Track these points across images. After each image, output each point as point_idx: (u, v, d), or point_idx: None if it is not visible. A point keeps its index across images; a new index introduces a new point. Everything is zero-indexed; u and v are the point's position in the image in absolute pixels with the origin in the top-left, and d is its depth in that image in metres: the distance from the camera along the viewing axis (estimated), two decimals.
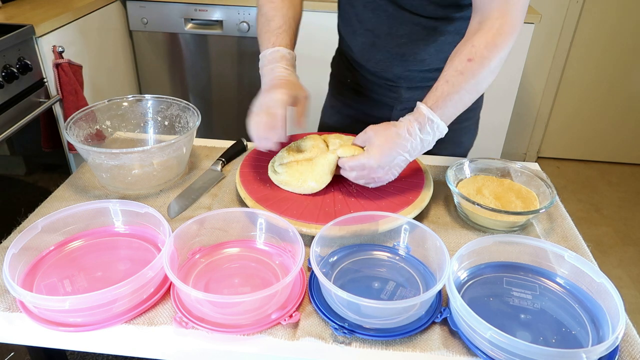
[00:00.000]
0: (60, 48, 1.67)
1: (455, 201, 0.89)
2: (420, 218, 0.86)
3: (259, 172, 0.91)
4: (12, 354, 1.39)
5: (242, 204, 0.88)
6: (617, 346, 0.60)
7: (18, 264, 0.68)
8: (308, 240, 0.75)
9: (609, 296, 0.64)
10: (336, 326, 0.63)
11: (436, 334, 0.64)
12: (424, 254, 0.74)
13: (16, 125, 1.49)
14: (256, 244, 0.78)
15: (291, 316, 0.64)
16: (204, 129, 2.41)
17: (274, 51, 0.89)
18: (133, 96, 1.01)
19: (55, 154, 1.79)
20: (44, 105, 1.63)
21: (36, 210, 0.86)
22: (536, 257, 0.73)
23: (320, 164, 0.86)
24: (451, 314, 0.65)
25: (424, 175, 0.91)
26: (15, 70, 1.51)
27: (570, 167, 2.88)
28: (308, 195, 0.86)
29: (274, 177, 0.89)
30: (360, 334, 0.63)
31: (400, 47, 0.99)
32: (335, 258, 0.75)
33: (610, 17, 2.49)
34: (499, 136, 2.31)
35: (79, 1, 1.92)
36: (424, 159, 1.01)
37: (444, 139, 1.11)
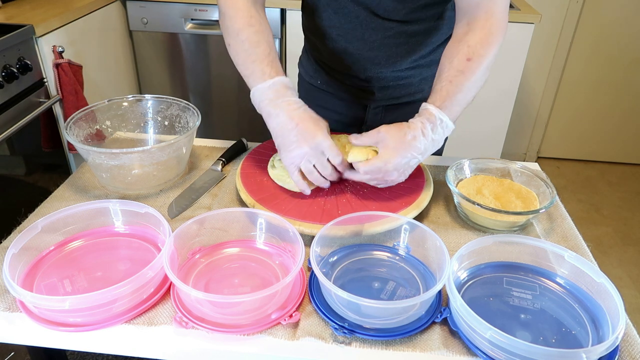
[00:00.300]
0: (60, 48, 1.67)
1: (455, 201, 0.89)
2: (420, 218, 0.86)
3: (259, 173, 0.91)
4: (12, 354, 1.39)
5: (242, 204, 0.88)
6: (617, 346, 0.60)
7: (18, 264, 0.68)
8: (308, 240, 0.75)
9: (609, 296, 0.64)
10: (336, 326, 0.63)
11: (436, 334, 0.64)
12: (424, 254, 0.74)
13: (16, 125, 1.49)
14: (256, 244, 0.78)
15: (291, 316, 0.64)
16: (204, 129, 2.41)
17: (275, 82, 0.81)
18: (133, 96, 1.01)
19: (55, 154, 1.79)
20: (44, 105, 1.63)
21: (36, 210, 0.86)
22: (536, 257, 0.73)
23: None
24: (451, 313, 0.65)
25: (424, 175, 0.91)
26: (15, 70, 1.51)
27: (570, 167, 2.88)
28: (308, 196, 0.86)
29: (271, 172, 0.89)
30: (360, 333, 0.63)
31: (372, 50, 0.98)
32: (335, 258, 0.75)
33: (611, 17, 2.49)
34: (499, 136, 2.31)
35: (79, 1, 1.92)
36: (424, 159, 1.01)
37: None
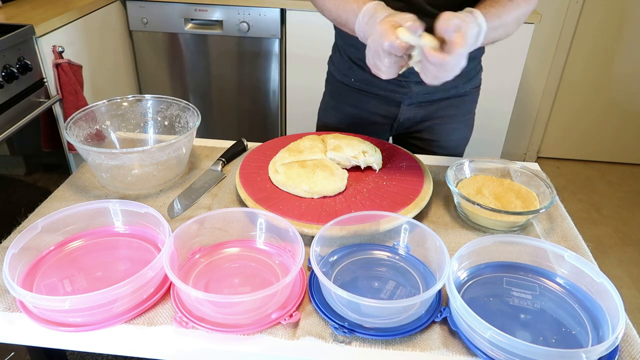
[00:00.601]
0: (60, 48, 1.68)
1: (455, 201, 0.89)
2: (420, 218, 0.86)
3: (259, 173, 0.91)
4: (12, 354, 1.39)
5: (242, 204, 0.88)
6: (617, 346, 0.60)
7: (18, 264, 0.68)
8: (308, 240, 0.75)
9: (608, 296, 0.64)
10: (336, 325, 0.63)
11: (436, 333, 0.64)
12: (423, 253, 0.74)
13: (16, 125, 1.49)
14: (256, 243, 0.78)
15: (291, 316, 0.64)
16: (204, 129, 2.41)
17: (364, 12, 0.77)
18: (133, 96, 1.01)
19: (55, 154, 1.79)
20: (44, 105, 1.63)
21: (36, 210, 0.86)
22: (536, 257, 0.73)
23: (318, 170, 0.86)
24: (451, 313, 0.65)
25: (424, 175, 0.91)
26: (15, 70, 1.51)
27: (570, 167, 2.88)
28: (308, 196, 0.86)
29: (273, 177, 0.89)
30: (360, 333, 0.63)
31: None
32: (335, 257, 0.75)
33: (610, 17, 2.49)
34: (499, 136, 2.31)
35: (79, 1, 1.92)
36: (424, 159, 1.01)
37: (446, 130, 1.14)
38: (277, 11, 2.08)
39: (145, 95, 1.01)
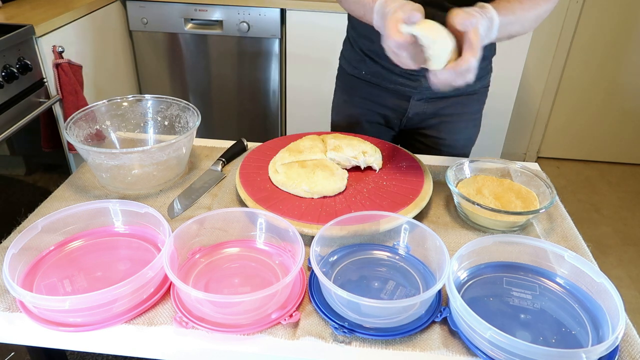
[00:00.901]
0: (60, 48, 1.68)
1: (455, 201, 0.89)
2: (420, 218, 0.86)
3: (259, 173, 0.91)
4: (12, 354, 1.39)
5: (242, 204, 0.88)
6: (617, 346, 0.60)
7: (18, 264, 0.68)
8: (308, 240, 0.75)
9: (608, 296, 0.64)
10: (336, 325, 0.63)
11: (436, 333, 0.64)
12: (423, 253, 0.74)
13: (16, 125, 1.49)
14: (256, 243, 0.78)
15: (291, 316, 0.64)
16: (204, 129, 2.41)
17: (378, 5, 0.78)
18: (133, 96, 1.01)
19: (55, 154, 1.79)
20: (44, 105, 1.63)
21: (36, 210, 0.86)
22: (536, 257, 0.73)
23: (318, 170, 0.86)
24: (451, 313, 0.65)
25: (424, 175, 0.91)
26: (15, 70, 1.51)
27: (570, 167, 2.88)
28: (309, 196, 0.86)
29: (273, 177, 0.89)
30: (360, 333, 0.63)
31: None
32: (335, 257, 0.75)
33: (610, 17, 2.49)
34: (499, 136, 2.31)
35: (79, 1, 1.92)
36: (424, 159, 1.01)
37: (454, 129, 1.16)
38: (277, 11, 2.09)
39: (145, 95, 1.01)
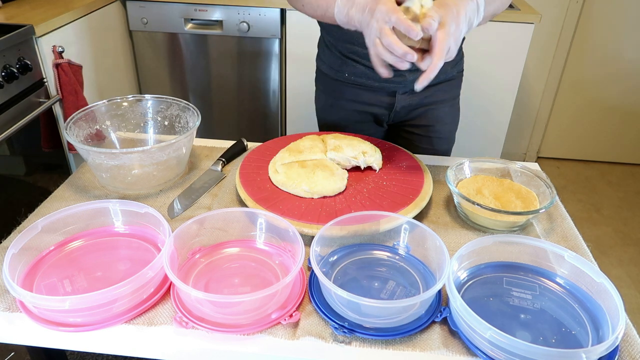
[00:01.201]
0: (60, 48, 1.68)
1: (455, 201, 0.89)
2: (420, 218, 0.86)
3: (259, 173, 0.91)
4: (12, 354, 1.39)
5: (242, 204, 0.88)
6: (617, 346, 0.60)
7: (18, 264, 0.68)
8: (308, 240, 0.75)
9: (608, 296, 0.64)
10: (336, 325, 0.63)
11: (436, 333, 0.64)
12: (423, 253, 0.74)
13: (16, 125, 1.49)
14: (256, 243, 0.78)
15: (291, 316, 0.64)
16: (204, 129, 2.41)
17: None
18: (133, 96, 1.01)
19: (55, 154, 1.79)
20: (44, 105, 1.63)
21: (36, 210, 0.86)
22: (536, 257, 0.73)
23: (318, 170, 0.86)
24: (451, 313, 0.65)
25: (424, 175, 0.91)
26: (15, 70, 1.51)
27: (570, 167, 2.88)
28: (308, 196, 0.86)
29: (273, 177, 0.89)
30: (360, 333, 0.63)
31: None
32: (335, 257, 0.75)
33: (610, 17, 2.49)
34: (499, 136, 2.31)
35: (79, 1, 1.92)
36: (423, 159, 1.01)
37: (439, 114, 1.19)
38: (277, 11, 2.08)
39: (145, 95, 1.01)
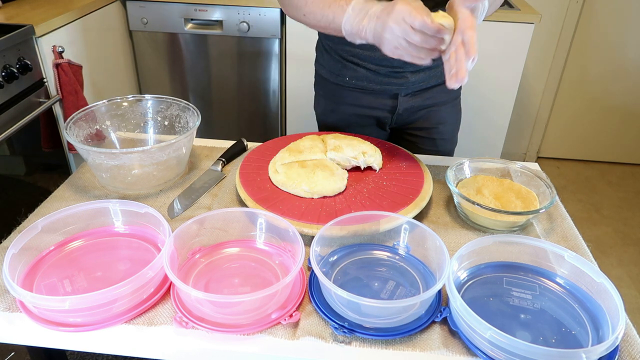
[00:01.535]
0: (60, 48, 1.68)
1: (455, 201, 0.89)
2: (420, 218, 0.86)
3: (259, 173, 0.91)
4: (12, 354, 1.40)
5: (242, 204, 0.88)
6: (617, 346, 0.60)
7: (18, 264, 0.68)
8: (308, 240, 0.75)
9: (608, 296, 0.64)
10: (336, 325, 0.63)
11: (436, 333, 0.64)
12: (423, 253, 0.74)
13: (16, 125, 1.49)
14: (256, 243, 0.78)
15: (291, 316, 0.64)
16: (204, 129, 2.41)
17: (353, 7, 0.79)
18: (133, 96, 1.01)
19: (55, 154, 1.79)
20: (44, 105, 1.63)
21: (36, 210, 0.86)
22: (536, 257, 0.73)
23: (318, 170, 0.86)
24: (451, 313, 0.65)
25: (424, 175, 0.91)
26: (15, 70, 1.51)
27: (570, 167, 2.88)
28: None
29: (273, 177, 0.89)
30: (360, 333, 0.63)
31: None
32: (335, 257, 0.75)
33: (611, 16, 2.49)
34: (499, 136, 2.31)
35: (79, 1, 1.92)
36: (423, 159, 1.01)
37: (441, 115, 1.18)
38: (277, 11, 2.08)
39: (145, 95, 1.02)
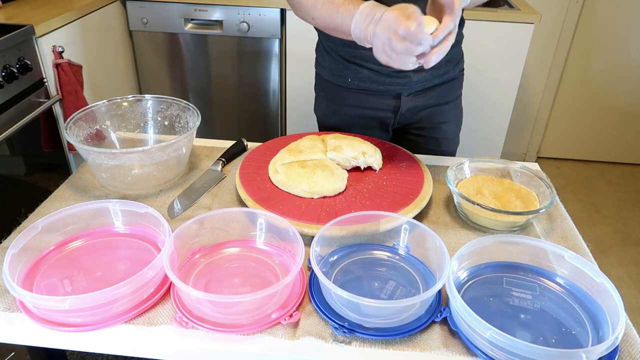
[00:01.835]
0: (60, 48, 1.67)
1: (455, 201, 0.89)
2: (420, 218, 0.86)
3: (259, 173, 0.91)
4: (12, 354, 1.39)
5: (242, 204, 0.88)
6: (617, 346, 0.60)
7: (18, 264, 0.68)
8: (308, 240, 0.75)
9: (608, 296, 0.64)
10: (336, 325, 0.63)
11: (436, 333, 0.64)
12: (423, 253, 0.74)
13: (16, 125, 1.49)
14: (256, 243, 0.78)
15: (291, 316, 0.64)
16: (204, 129, 2.40)
17: (360, 12, 0.78)
18: (133, 96, 1.01)
19: (55, 154, 1.79)
20: (44, 105, 1.63)
21: (36, 210, 0.86)
22: (536, 257, 0.73)
23: (318, 170, 0.86)
24: (451, 313, 0.65)
25: (424, 175, 0.91)
26: (15, 70, 1.51)
27: (570, 167, 2.87)
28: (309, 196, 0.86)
29: (273, 177, 0.89)
30: (360, 333, 0.63)
31: None
32: (335, 257, 0.75)
33: (610, 16, 2.49)
34: (499, 136, 2.31)
35: (79, 1, 1.92)
36: (423, 159, 1.01)
37: (443, 114, 1.18)
38: (277, 11, 2.08)
39: (145, 95, 1.02)
